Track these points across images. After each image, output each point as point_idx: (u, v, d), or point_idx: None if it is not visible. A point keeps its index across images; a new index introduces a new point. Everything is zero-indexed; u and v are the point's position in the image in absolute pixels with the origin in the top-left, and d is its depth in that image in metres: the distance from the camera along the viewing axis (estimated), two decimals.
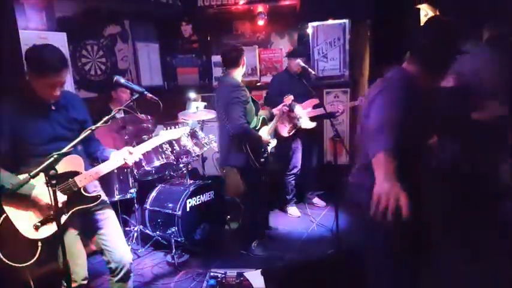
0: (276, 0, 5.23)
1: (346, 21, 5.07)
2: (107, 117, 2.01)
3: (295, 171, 4.40)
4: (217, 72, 5.73)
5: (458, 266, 2.81)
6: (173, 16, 5.56)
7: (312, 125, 4.26)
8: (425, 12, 5.74)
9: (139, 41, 5.40)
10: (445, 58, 1.88)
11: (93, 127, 1.96)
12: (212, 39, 5.79)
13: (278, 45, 5.56)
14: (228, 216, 4.00)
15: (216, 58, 5.69)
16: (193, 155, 3.89)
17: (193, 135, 4.07)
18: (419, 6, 5.45)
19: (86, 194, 2.23)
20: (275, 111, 3.75)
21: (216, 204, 3.85)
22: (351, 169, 2.17)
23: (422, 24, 2.04)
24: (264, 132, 3.55)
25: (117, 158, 2.34)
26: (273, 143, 3.62)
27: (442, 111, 2.74)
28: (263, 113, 3.75)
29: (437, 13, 5.58)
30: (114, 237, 2.34)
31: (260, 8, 5.38)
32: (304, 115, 4.15)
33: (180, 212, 3.45)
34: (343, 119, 5.15)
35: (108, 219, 2.36)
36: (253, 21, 5.54)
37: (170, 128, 2.93)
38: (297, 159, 4.39)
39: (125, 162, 2.35)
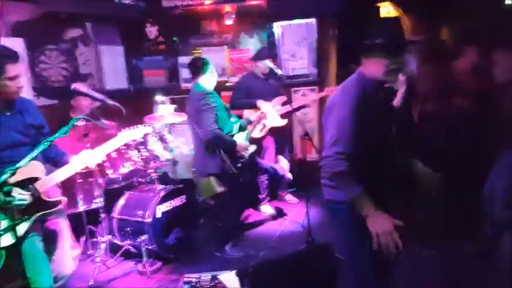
0: (243, 0, 5.07)
1: (312, 20, 5.00)
2: (65, 128, 1.92)
3: (267, 171, 4.26)
4: (185, 73, 5.52)
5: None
6: (137, 18, 5.30)
7: (283, 122, 4.17)
8: (388, 10, 5.79)
9: (102, 44, 5.11)
10: (396, 56, 1.87)
11: (51, 138, 1.87)
12: (179, 40, 5.58)
13: (247, 45, 5.41)
14: (201, 220, 3.83)
15: (184, 59, 5.49)
16: (163, 159, 3.69)
17: (161, 139, 3.88)
18: (380, 4, 5.49)
19: (47, 199, 2.18)
20: (253, 118, 3.69)
21: (188, 208, 3.67)
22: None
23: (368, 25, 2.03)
24: (241, 138, 3.43)
25: (77, 161, 2.27)
26: (252, 148, 3.47)
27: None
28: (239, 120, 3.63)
29: (400, 11, 5.65)
30: (61, 247, 2.31)
31: (227, 7, 5.21)
32: (274, 113, 4.04)
33: (150, 219, 3.25)
34: (312, 116, 5.08)
35: (59, 227, 2.32)
36: (220, 21, 5.35)
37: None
38: (269, 158, 4.27)
39: (87, 166, 2.29)
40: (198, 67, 3.34)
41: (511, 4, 5.09)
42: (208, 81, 3.35)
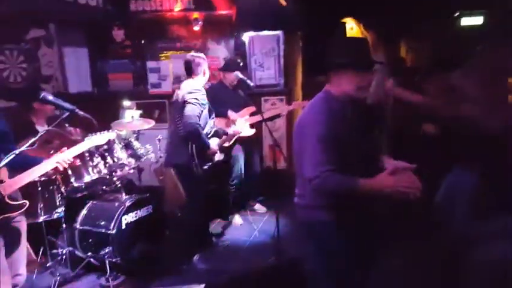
0: (212, 9, 5.02)
1: (279, 32, 5.07)
2: (32, 140, 1.91)
3: (237, 180, 4.22)
4: (152, 78, 5.37)
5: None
6: (104, 20, 5.09)
7: (251, 132, 4.14)
8: (351, 26, 5.98)
9: (66, 46, 4.87)
10: (362, 73, 1.90)
11: (17, 151, 1.86)
12: (146, 44, 5.42)
13: (215, 51, 5.35)
14: (167, 231, 3.70)
15: (152, 64, 5.34)
16: (129, 167, 3.54)
17: (128, 145, 3.73)
18: (345, 20, 5.66)
19: (11, 203, 2.12)
20: (230, 131, 3.67)
21: (155, 218, 3.53)
22: (290, 175, 2.21)
23: (333, 43, 2.07)
24: (214, 143, 3.36)
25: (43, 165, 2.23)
26: (219, 156, 3.42)
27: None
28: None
29: (362, 27, 5.85)
30: (21, 247, 2.30)
31: (195, 14, 5.14)
32: (243, 123, 4.01)
33: (114, 231, 3.10)
34: (280, 125, 5.10)
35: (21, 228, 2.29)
36: (188, 27, 5.28)
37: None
38: (239, 167, 4.21)
39: (56, 166, 2.29)
40: (189, 67, 3.32)
41: (466, 25, 5.39)
42: (199, 81, 3.33)
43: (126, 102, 4.26)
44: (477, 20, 5.31)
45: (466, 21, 5.35)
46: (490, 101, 2.57)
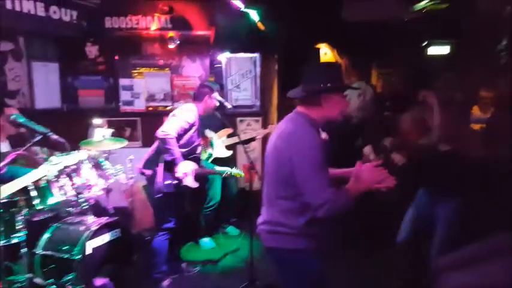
0: (189, 29, 4.99)
1: (256, 54, 5.12)
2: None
3: (212, 203, 4.11)
4: (125, 96, 5.23)
5: None
6: (77, 36, 4.94)
7: (228, 153, 4.08)
8: (325, 51, 6.12)
9: (36, 60, 4.66)
10: (336, 98, 1.96)
11: None
12: (120, 61, 5.29)
13: (190, 70, 5.27)
14: (135, 256, 3.50)
15: (125, 81, 5.21)
16: (98, 188, 3.36)
17: (97, 165, 3.55)
18: (319, 45, 5.78)
19: None
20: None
21: (123, 242, 3.33)
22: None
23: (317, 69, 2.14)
24: (189, 164, 3.20)
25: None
26: (189, 181, 3.24)
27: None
28: None
29: (335, 53, 5.99)
30: None
31: (171, 33, 5.07)
32: (220, 144, 3.93)
33: (79, 256, 2.89)
34: (255, 146, 5.06)
35: None
36: (164, 45, 5.19)
37: None
38: (215, 190, 4.11)
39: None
40: (196, 91, 3.40)
41: (434, 54, 5.62)
42: (198, 105, 3.30)
43: (97, 120, 4.09)
44: (444, 50, 5.57)
45: (434, 50, 5.60)
46: (448, 131, 2.64)
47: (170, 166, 3.11)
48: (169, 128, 3.05)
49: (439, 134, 2.63)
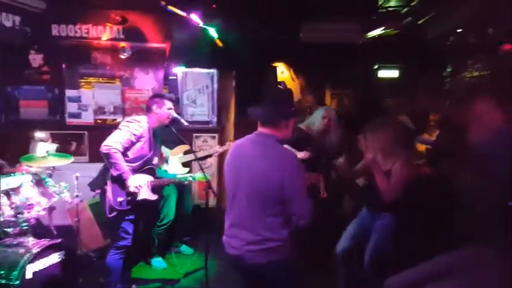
0: (144, 41, 4.95)
1: (213, 70, 5.16)
2: None
3: (166, 221, 4.01)
4: (71, 107, 5.03)
5: None
6: (20, 43, 4.71)
7: (185, 170, 4.05)
8: (281, 70, 6.34)
9: None
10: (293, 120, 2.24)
11: None
12: (67, 71, 5.10)
13: (142, 82, 5.20)
14: (81, 279, 3.34)
15: (71, 92, 5.03)
16: (39, 208, 3.19)
17: (39, 183, 3.38)
18: (276, 64, 5.99)
19: None
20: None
21: (67, 265, 3.17)
22: (221, 212, 2.31)
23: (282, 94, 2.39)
24: (141, 177, 3.12)
25: None
26: (145, 194, 3.17)
27: None
28: None
29: (291, 72, 6.24)
30: None
31: (123, 43, 4.99)
32: (176, 161, 3.91)
33: (17, 282, 2.71)
34: (211, 162, 5.07)
35: None
36: (115, 55, 5.08)
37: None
38: (170, 208, 4.01)
39: None
40: (148, 103, 3.29)
41: (384, 77, 6.03)
42: (151, 118, 3.22)
43: (39, 133, 3.90)
44: (393, 73, 6.01)
45: (384, 73, 6.02)
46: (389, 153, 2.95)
47: (120, 182, 3.01)
48: (112, 142, 2.95)
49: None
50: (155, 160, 3.30)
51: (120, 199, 3.02)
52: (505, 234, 1.95)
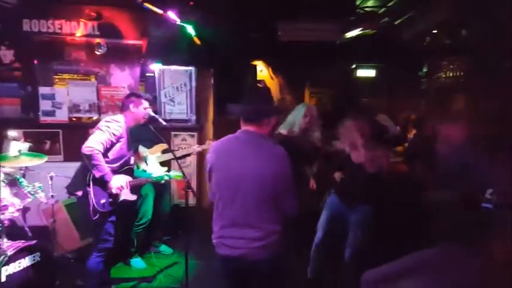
0: (120, 38, 4.90)
1: (192, 68, 5.13)
2: None
3: (144, 221, 4.00)
4: (45, 105, 4.94)
5: None
6: None
7: (163, 170, 4.04)
8: (260, 68, 6.40)
9: None
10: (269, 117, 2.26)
11: None
12: (40, 67, 5.00)
13: (118, 79, 5.16)
14: (57, 281, 3.32)
15: (45, 90, 4.94)
16: (13, 209, 3.15)
17: (12, 183, 3.33)
18: (255, 62, 6.04)
19: None
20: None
21: (43, 267, 3.14)
22: (201, 211, 2.33)
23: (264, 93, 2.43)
24: (121, 177, 3.12)
25: None
26: (131, 196, 3.19)
27: None
28: None
29: (270, 71, 6.31)
30: None
31: (98, 39, 4.93)
32: (154, 161, 3.90)
33: None
34: (191, 160, 5.08)
35: None
36: (90, 51, 5.00)
37: None
38: (147, 207, 4.01)
39: None
40: (123, 101, 3.24)
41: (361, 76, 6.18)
42: (127, 117, 3.19)
43: (12, 132, 3.83)
44: (370, 73, 6.17)
45: (361, 72, 6.18)
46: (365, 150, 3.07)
47: (102, 183, 3.00)
48: (94, 142, 2.91)
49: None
50: (132, 160, 3.31)
51: (103, 201, 3.01)
52: (477, 235, 2.05)
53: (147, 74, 5.36)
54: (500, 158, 2.16)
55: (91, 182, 2.96)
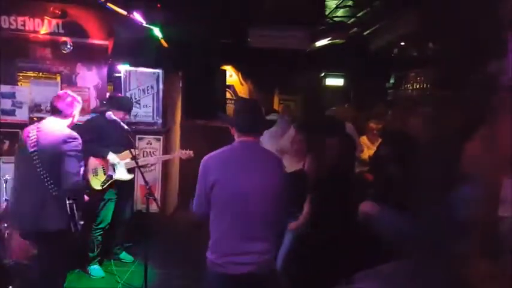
0: (85, 37, 4.90)
1: (159, 70, 5.16)
2: None
3: (103, 225, 4.01)
4: (5, 104, 4.88)
5: None
6: None
7: (130, 177, 4.07)
8: (230, 73, 6.49)
9: None
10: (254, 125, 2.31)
11: None
12: (3, 65, 4.93)
13: (85, 78, 5.11)
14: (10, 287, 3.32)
15: (5, 88, 4.88)
16: None
17: None
18: (225, 67, 6.14)
19: None
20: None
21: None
22: (163, 218, 2.34)
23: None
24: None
25: None
26: None
27: None
28: None
29: (240, 76, 6.43)
30: None
31: (64, 38, 4.92)
32: (122, 166, 3.95)
33: None
34: (155, 166, 5.11)
35: None
36: (54, 50, 4.96)
37: None
38: (108, 211, 4.02)
39: None
40: (62, 107, 2.94)
41: (330, 85, 6.39)
42: (67, 123, 3.02)
43: None
44: (339, 82, 6.39)
45: (330, 81, 6.39)
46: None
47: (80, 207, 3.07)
48: (77, 174, 2.91)
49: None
50: None
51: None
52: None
53: (116, 75, 5.35)
54: None
55: (74, 209, 2.94)
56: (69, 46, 4.90)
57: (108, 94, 4.89)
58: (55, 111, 2.97)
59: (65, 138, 2.87)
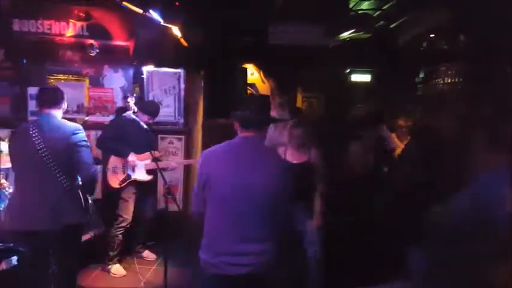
0: (108, 38, 5.05)
1: (180, 70, 5.21)
2: None
3: (124, 223, 4.10)
4: (33, 105, 5.11)
5: None
6: None
7: (148, 178, 4.15)
8: (251, 72, 6.49)
9: None
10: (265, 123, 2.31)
11: None
12: (31, 67, 5.18)
13: (111, 79, 5.28)
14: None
15: (34, 90, 5.11)
16: None
17: None
18: (246, 65, 6.14)
19: None
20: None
21: (23, 271, 3.24)
22: (184, 217, 2.33)
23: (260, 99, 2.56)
24: None
25: None
26: None
27: None
28: None
29: (261, 74, 6.41)
30: None
31: (91, 40, 5.10)
32: (142, 167, 4.05)
33: None
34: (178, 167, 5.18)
35: None
36: (82, 52, 5.13)
37: None
38: (129, 210, 4.13)
39: None
40: (54, 98, 2.97)
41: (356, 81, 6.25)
42: (60, 112, 3.01)
43: (1, 131, 4.04)
44: (365, 77, 6.24)
45: (356, 77, 6.25)
46: None
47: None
48: (92, 164, 3.04)
49: None
50: None
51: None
52: None
53: (142, 76, 5.47)
54: None
55: (89, 200, 3.11)
56: (96, 48, 5.07)
57: (134, 95, 5.01)
58: (51, 104, 2.94)
59: (73, 130, 2.89)
